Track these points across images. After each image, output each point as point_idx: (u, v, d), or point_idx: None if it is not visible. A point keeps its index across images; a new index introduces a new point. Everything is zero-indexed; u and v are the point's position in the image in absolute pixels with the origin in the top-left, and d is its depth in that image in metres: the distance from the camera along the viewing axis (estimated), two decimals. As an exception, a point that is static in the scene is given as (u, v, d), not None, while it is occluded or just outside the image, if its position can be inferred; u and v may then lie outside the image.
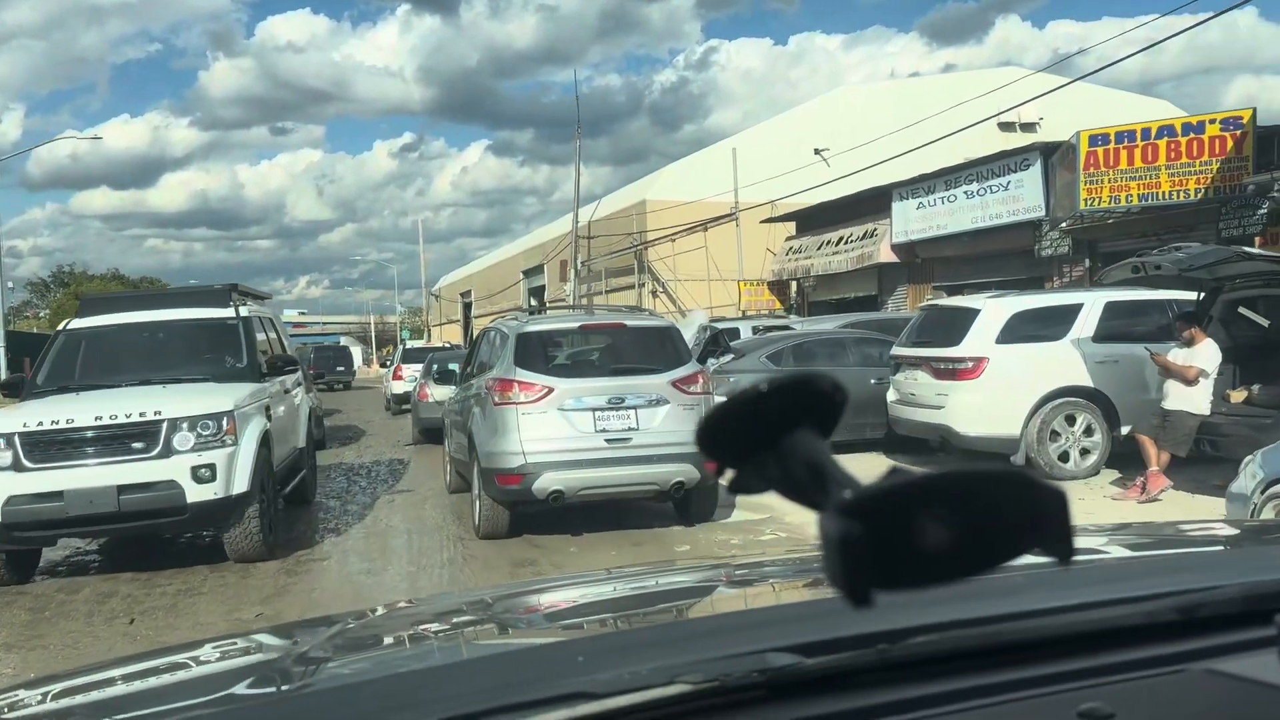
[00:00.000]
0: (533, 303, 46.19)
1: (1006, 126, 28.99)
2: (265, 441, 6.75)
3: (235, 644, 1.68)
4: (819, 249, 24.97)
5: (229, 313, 7.50)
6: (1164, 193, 14.60)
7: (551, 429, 7.10)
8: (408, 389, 19.74)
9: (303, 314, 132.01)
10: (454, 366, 11.00)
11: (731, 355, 11.10)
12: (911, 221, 21.17)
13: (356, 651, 1.42)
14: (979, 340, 9.21)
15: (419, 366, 18.68)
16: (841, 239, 23.90)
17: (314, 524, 8.55)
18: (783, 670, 0.87)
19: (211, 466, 6.22)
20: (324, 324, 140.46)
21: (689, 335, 11.56)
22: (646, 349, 7.76)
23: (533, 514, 7.68)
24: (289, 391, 8.27)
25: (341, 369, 18.74)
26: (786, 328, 13.65)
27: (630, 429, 7.20)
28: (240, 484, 6.35)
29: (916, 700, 0.87)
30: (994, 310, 9.36)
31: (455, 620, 1.61)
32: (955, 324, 9.53)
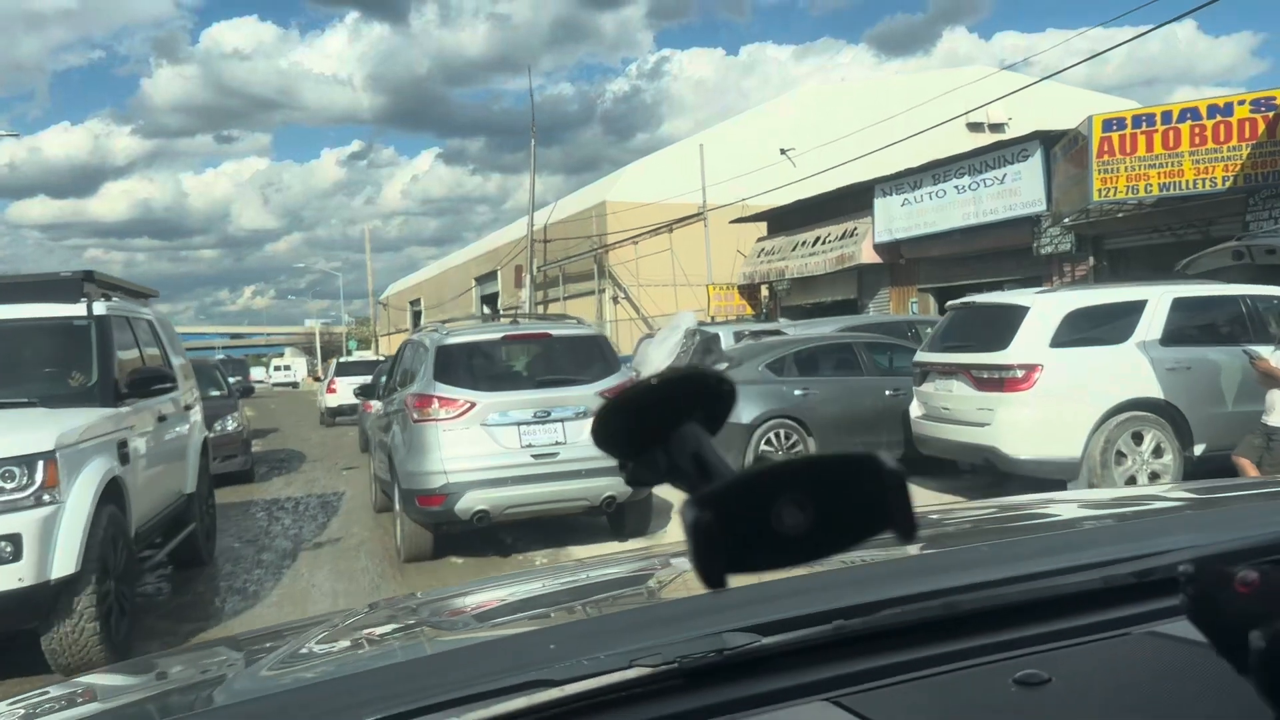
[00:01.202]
0: (485, 310, 44.36)
1: (974, 126, 27.92)
2: (115, 493, 4.76)
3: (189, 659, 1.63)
4: (793, 250, 23.49)
5: (77, 310, 5.38)
6: (1188, 181, 13.26)
7: (474, 446, 6.76)
8: (341, 402, 20.84)
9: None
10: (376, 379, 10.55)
11: (726, 364, 9.46)
12: (895, 219, 19.76)
13: (318, 654, 1.39)
14: (1030, 344, 7.67)
15: (353, 380, 19.52)
16: (818, 239, 22.44)
17: (212, 591, 6.59)
18: (739, 649, 0.89)
19: (14, 539, 4.11)
20: (268, 334, 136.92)
21: (674, 340, 9.92)
22: (574, 359, 7.49)
23: (457, 534, 7.24)
24: (165, 419, 6.10)
25: (239, 378, 18.24)
26: (778, 332, 12.04)
27: (557, 443, 6.91)
28: (64, 562, 4.23)
29: (862, 674, 0.89)
30: (1046, 308, 7.82)
31: (415, 618, 1.61)
32: (998, 325, 7.98)
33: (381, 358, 30.22)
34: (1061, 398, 7.59)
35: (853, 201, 21.13)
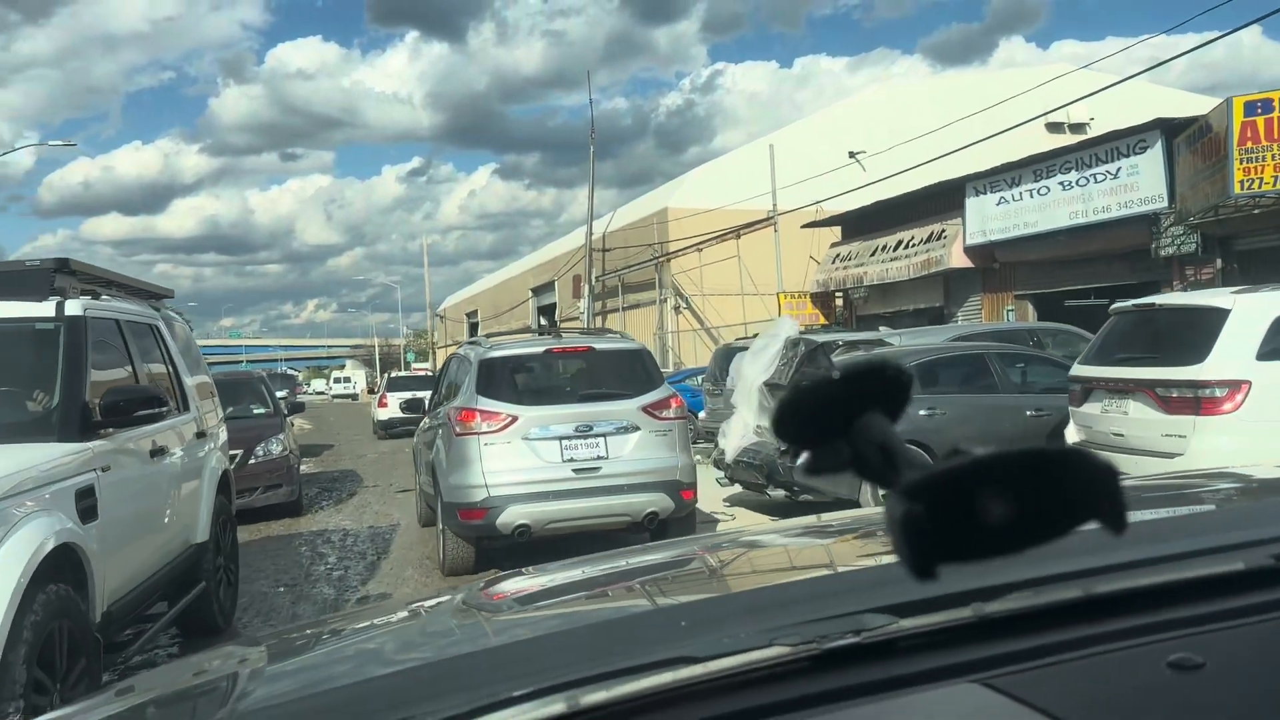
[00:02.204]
0: (542, 322, 43.37)
1: (1054, 127, 26.16)
2: (67, 564, 3.37)
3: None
4: (872, 255, 22.03)
5: (44, 310, 4.10)
6: (1351, 169, 11.60)
7: (516, 460, 6.71)
8: (392, 415, 21.59)
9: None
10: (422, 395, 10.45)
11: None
12: (990, 220, 18.21)
13: (437, 633, 1.41)
14: (1232, 356, 6.22)
15: (403, 395, 20.11)
16: (901, 243, 20.95)
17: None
18: (878, 631, 0.88)
19: None
20: (329, 347, 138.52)
21: (773, 351, 8.59)
22: (616, 373, 7.39)
23: (499, 548, 7.17)
24: (163, 452, 4.67)
25: (287, 393, 17.54)
26: (880, 342, 10.65)
27: (599, 458, 6.83)
28: None
29: (1007, 656, 0.87)
30: (1250, 311, 6.36)
31: (544, 595, 1.61)
32: (1188, 332, 6.55)
33: (428, 373, 29.51)
34: (1273, 422, 6.12)
35: (940, 202, 19.63)
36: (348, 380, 72.90)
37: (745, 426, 8.60)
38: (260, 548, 8.52)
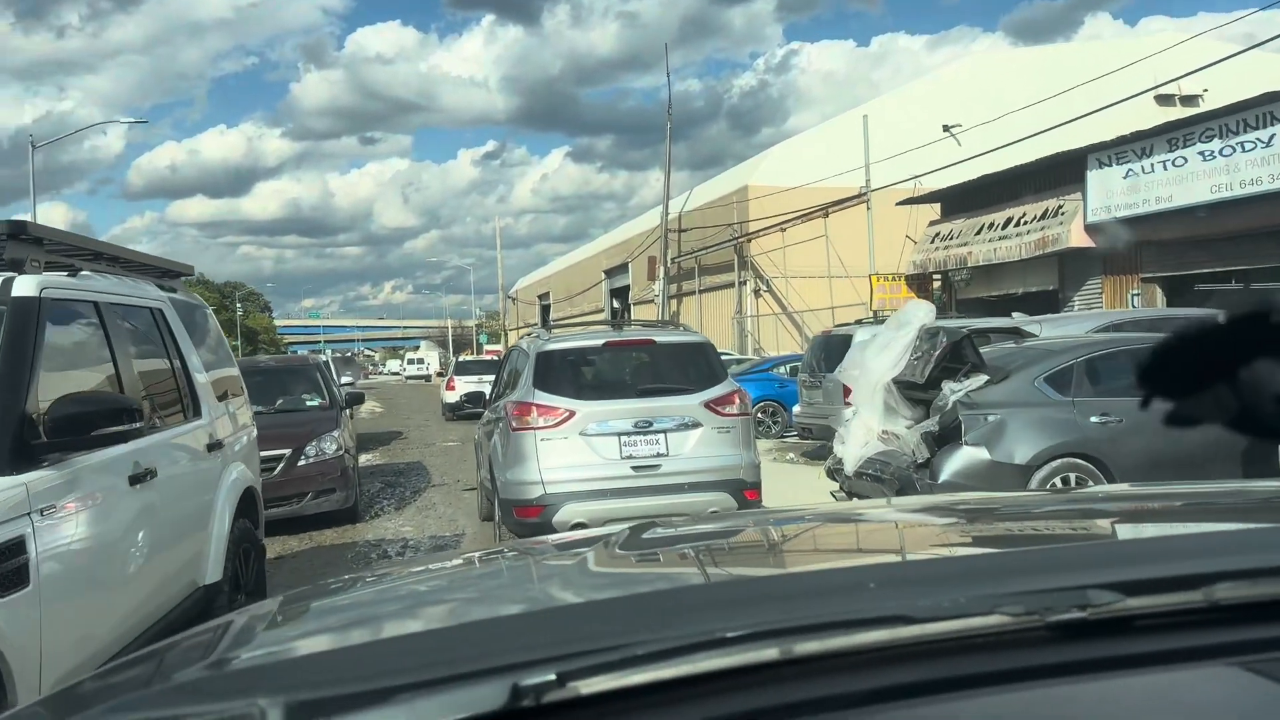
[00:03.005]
0: (615, 305, 42.33)
1: (1164, 100, 23.97)
2: None
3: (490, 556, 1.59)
4: (977, 234, 20.33)
5: None
6: None
7: (573, 456, 6.53)
8: (459, 399, 22.62)
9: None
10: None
11: (986, 378, 6.75)
12: (1115, 195, 16.46)
13: (618, 573, 1.36)
14: None
15: (470, 378, 20.71)
16: (1010, 220, 19.23)
17: None
18: (1104, 608, 0.81)
19: None
20: (404, 328, 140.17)
21: (904, 342, 7.25)
22: (678, 367, 7.22)
23: None
24: (148, 477, 3.50)
25: (349, 381, 17.11)
26: (1016, 331, 9.21)
27: (659, 455, 6.62)
28: None
29: (1240, 644, 0.80)
30: None
31: (726, 538, 1.56)
32: None
33: (491, 358, 29.13)
34: None
35: (1056, 175, 17.89)
36: (421, 361, 73.51)
37: (869, 432, 7.28)
38: (308, 560, 7.54)
